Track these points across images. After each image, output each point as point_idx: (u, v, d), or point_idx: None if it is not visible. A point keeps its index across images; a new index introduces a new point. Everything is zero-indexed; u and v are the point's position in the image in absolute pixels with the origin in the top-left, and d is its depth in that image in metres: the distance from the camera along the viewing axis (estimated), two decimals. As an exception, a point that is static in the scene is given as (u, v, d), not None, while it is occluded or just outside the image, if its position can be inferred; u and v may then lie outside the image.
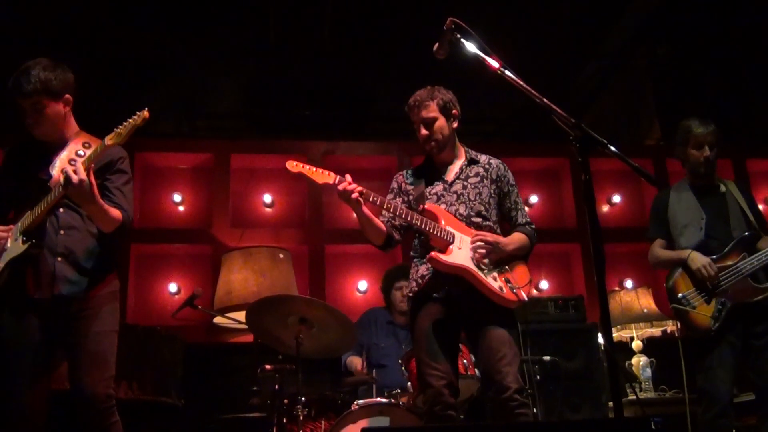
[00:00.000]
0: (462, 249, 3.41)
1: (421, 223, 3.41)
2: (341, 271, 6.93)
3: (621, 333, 5.91)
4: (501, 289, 3.39)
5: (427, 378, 3.37)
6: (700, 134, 4.24)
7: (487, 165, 3.68)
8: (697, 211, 4.22)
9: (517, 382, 3.30)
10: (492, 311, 3.41)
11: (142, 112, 3.12)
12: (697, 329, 4.01)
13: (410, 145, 7.26)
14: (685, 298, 4.06)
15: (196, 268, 6.70)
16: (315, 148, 6.99)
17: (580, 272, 6.93)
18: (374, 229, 3.54)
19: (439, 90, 3.63)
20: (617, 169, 7.21)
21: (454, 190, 3.59)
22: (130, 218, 3.40)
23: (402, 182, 3.72)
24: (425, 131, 3.60)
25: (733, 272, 4.03)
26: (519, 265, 3.57)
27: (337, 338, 4.21)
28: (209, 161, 6.94)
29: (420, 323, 3.48)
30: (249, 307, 4.15)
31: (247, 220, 6.95)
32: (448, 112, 3.61)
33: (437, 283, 3.49)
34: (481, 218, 3.54)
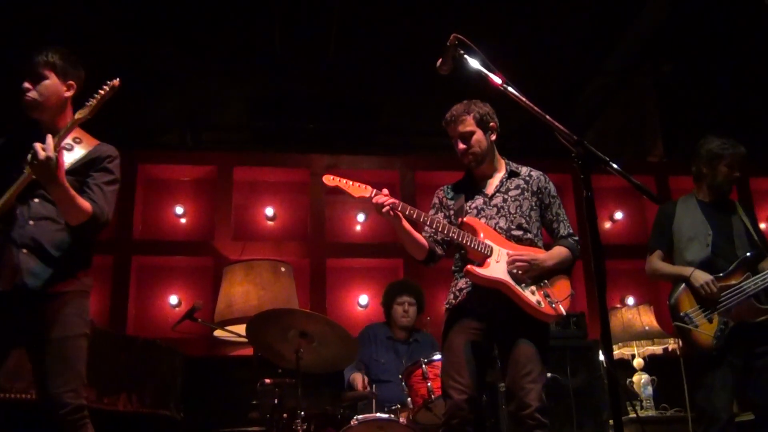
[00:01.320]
0: (500, 262, 3.38)
1: (459, 236, 3.39)
2: (342, 285, 6.93)
3: (622, 350, 5.90)
4: (539, 303, 3.36)
5: (448, 390, 3.35)
6: (737, 154, 4.23)
7: (527, 177, 3.66)
8: (703, 227, 4.20)
9: (540, 401, 3.25)
10: (525, 326, 3.37)
11: (112, 81, 3.04)
12: (699, 348, 4.00)
13: (413, 159, 7.28)
14: (687, 317, 4.04)
15: (197, 281, 6.71)
16: (318, 161, 7.00)
17: (582, 289, 6.92)
18: (415, 244, 3.52)
19: (475, 103, 3.62)
20: (620, 185, 7.22)
21: (494, 204, 3.57)
22: (105, 216, 3.18)
23: (442, 197, 3.70)
24: (463, 145, 3.58)
25: (737, 292, 4.02)
26: (560, 279, 3.51)
27: (338, 353, 4.20)
28: (212, 173, 6.96)
29: (451, 336, 3.45)
30: (249, 321, 4.14)
31: (249, 233, 6.96)
32: (486, 125, 3.60)
33: (474, 297, 3.46)
34: (521, 231, 3.51)
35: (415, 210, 3.36)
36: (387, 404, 4.48)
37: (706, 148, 4.27)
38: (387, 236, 7.10)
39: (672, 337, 5.70)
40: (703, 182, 4.32)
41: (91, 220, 3.12)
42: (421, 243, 3.53)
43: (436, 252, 3.58)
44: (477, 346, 3.39)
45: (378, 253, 6.96)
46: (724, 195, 4.31)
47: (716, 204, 4.29)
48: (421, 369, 4.21)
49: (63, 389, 2.97)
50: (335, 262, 6.88)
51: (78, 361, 3.06)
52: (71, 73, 3.28)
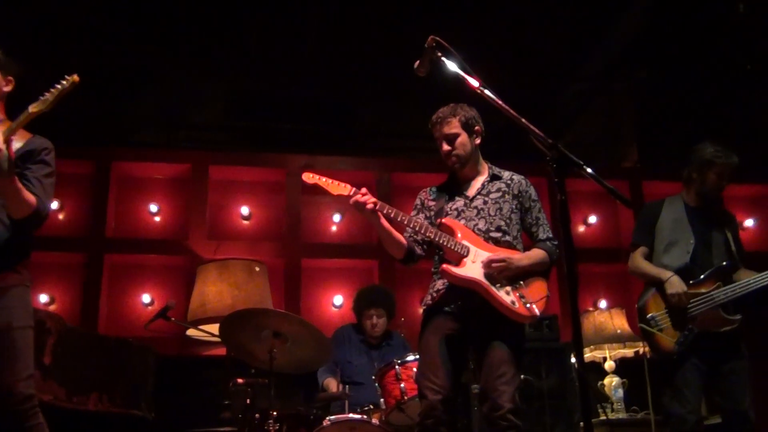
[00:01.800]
0: (476, 263, 3.42)
1: (436, 236, 3.43)
2: (317, 286, 6.92)
3: (594, 353, 5.94)
4: (513, 303, 3.39)
5: (423, 390, 3.37)
6: (730, 164, 4.25)
7: (509, 180, 3.70)
8: (686, 233, 4.23)
9: (513, 402, 3.28)
10: (500, 328, 3.40)
11: (71, 76, 3.00)
12: (661, 351, 4.05)
13: (389, 161, 7.29)
14: (654, 320, 4.08)
15: (171, 280, 6.67)
16: (294, 161, 6.99)
17: (555, 292, 6.96)
18: (393, 243, 3.55)
19: (462, 107, 3.66)
20: (594, 190, 7.28)
21: (474, 206, 3.61)
22: (46, 210, 3.16)
23: (425, 198, 3.75)
24: (447, 147, 3.63)
25: (706, 300, 4.04)
26: (536, 281, 3.54)
27: (312, 353, 4.19)
28: (187, 172, 6.92)
29: (427, 336, 3.48)
30: (223, 320, 4.13)
31: (224, 232, 6.92)
32: (471, 129, 3.65)
33: (451, 297, 3.49)
34: (500, 233, 3.55)
35: (394, 209, 3.39)
36: (360, 405, 4.48)
37: (699, 154, 4.28)
38: (362, 237, 7.10)
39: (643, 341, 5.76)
40: (691, 186, 4.34)
41: (34, 214, 3.09)
42: (400, 242, 3.55)
43: (416, 252, 3.61)
44: (453, 346, 3.42)
45: (353, 253, 6.96)
46: (711, 202, 4.34)
47: (701, 210, 4.32)
48: (395, 370, 4.22)
49: (14, 379, 2.98)
50: (310, 263, 6.87)
51: (27, 351, 3.07)
52: (11, 68, 3.27)
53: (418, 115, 3.73)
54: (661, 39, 7.49)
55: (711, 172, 4.25)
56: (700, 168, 4.28)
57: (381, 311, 5.18)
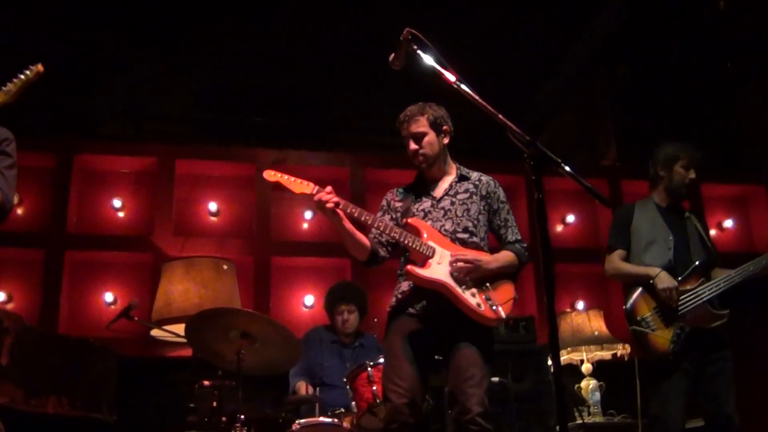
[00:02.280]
0: (441, 264, 3.44)
1: (401, 236, 3.44)
2: (287, 285, 6.90)
3: (571, 355, 5.99)
4: (479, 305, 3.41)
5: (388, 393, 3.38)
6: (693, 156, 4.34)
7: (477, 181, 3.73)
8: (663, 231, 4.30)
9: (482, 405, 3.29)
10: (467, 329, 3.41)
11: (35, 66, 2.96)
12: (656, 352, 4.08)
13: (364, 157, 7.28)
14: (644, 321, 4.12)
15: (134, 278, 6.61)
16: (264, 156, 6.96)
17: (532, 292, 7.01)
18: (356, 244, 3.55)
19: (430, 106, 3.69)
20: (572, 188, 7.33)
21: (441, 206, 3.63)
22: (10, 203, 3.12)
23: (391, 199, 3.76)
24: (414, 146, 3.65)
25: (693, 297, 4.12)
26: (504, 283, 3.57)
27: (281, 355, 4.19)
28: (153, 166, 6.86)
29: (392, 338, 3.50)
30: (189, 320, 4.11)
31: (191, 228, 6.88)
32: (439, 128, 3.67)
33: (415, 298, 3.51)
34: (467, 234, 3.57)
35: (358, 209, 3.40)
36: (331, 408, 4.48)
37: (663, 151, 4.39)
38: (334, 235, 7.04)
39: (621, 343, 5.81)
40: (660, 185, 4.42)
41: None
42: (363, 243, 3.56)
43: (379, 253, 3.62)
44: (418, 348, 3.43)
45: (325, 252, 6.95)
46: (680, 199, 4.42)
47: (672, 209, 4.40)
48: (366, 372, 4.22)
49: None
50: (280, 261, 6.85)
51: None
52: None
53: (393, 109, 3.73)
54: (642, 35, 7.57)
55: (677, 165, 4.35)
56: (666, 164, 4.38)
57: (352, 306, 5.19)
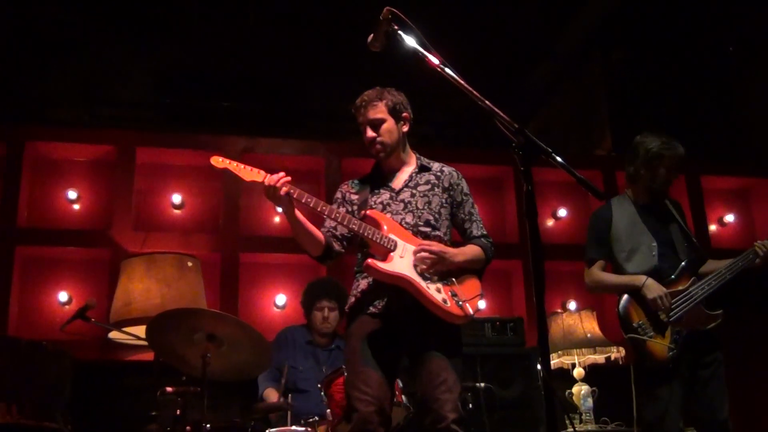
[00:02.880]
0: (404, 258, 3.43)
1: (360, 228, 3.43)
2: (257, 283, 6.89)
3: (562, 359, 6.02)
4: (445, 301, 3.41)
5: (354, 402, 3.37)
6: (677, 156, 4.34)
7: (438, 172, 3.74)
8: (645, 235, 4.33)
9: (456, 412, 3.32)
10: (434, 330, 3.42)
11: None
12: (655, 359, 4.11)
13: (340, 145, 7.28)
14: (641, 327, 4.15)
15: (91, 276, 6.57)
16: (233, 144, 6.94)
17: (521, 292, 7.04)
18: (309, 237, 3.54)
19: (389, 91, 3.69)
20: (564, 180, 7.36)
21: (401, 199, 3.64)
22: None
23: (347, 191, 3.76)
24: (371, 133, 3.65)
25: (686, 298, 4.16)
26: (469, 278, 3.59)
27: (250, 358, 4.18)
28: (111, 154, 6.82)
29: (353, 342, 3.49)
30: (150, 321, 4.09)
31: (152, 222, 6.85)
32: (398, 115, 3.68)
33: (375, 296, 3.51)
34: (429, 228, 3.58)
35: (313, 198, 3.40)
36: (304, 416, 4.48)
37: (646, 148, 4.37)
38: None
39: (615, 346, 5.86)
40: (639, 183, 4.45)
41: None
42: (317, 237, 3.56)
43: (334, 248, 3.63)
44: (382, 351, 3.43)
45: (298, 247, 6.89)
46: (660, 197, 4.46)
47: (652, 207, 4.43)
48: (343, 377, 4.23)
49: None
50: (249, 257, 6.84)
51: None
52: None
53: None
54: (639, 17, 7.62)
55: (660, 166, 4.35)
56: (648, 163, 4.37)
57: (333, 303, 5.20)
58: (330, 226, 3.64)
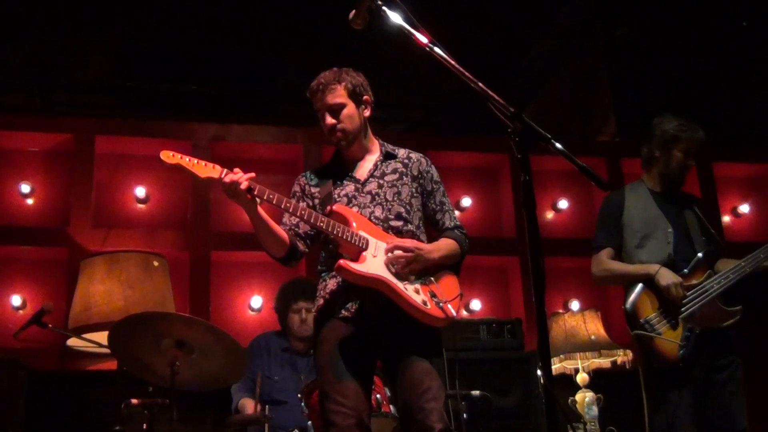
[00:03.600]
0: (377, 257, 3.43)
1: (328, 226, 3.41)
2: (230, 284, 6.88)
3: (564, 364, 6.04)
4: (425, 303, 3.42)
5: (330, 415, 3.37)
6: (695, 140, 4.38)
7: (406, 159, 3.74)
8: (661, 222, 4.35)
9: (443, 422, 3.33)
10: (414, 335, 3.43)
11: None
12: (664, 359, 4.13)
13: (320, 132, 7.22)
14: (648, 323, 4.16)
15: (47, 277, 6.55)
16: (202, 131, 6.93)
17: (519, 291, 7.06)
18: (273, 237, 3.52)
19: (347, 72, 3.67)
20: (565, 169, 7.39)
21: (368, 190, 3.63)
22: None
23: (305, 184, 3.74)
24: (331, 120, 3.63)
25: (700, 292, 4.18)
26: (447, 276, 3.61)
27: (223, 367, 4.18)
28: (68, 144, 6.80)
29: (324, 349, 3.48)
30: (113, 327, 4.08)
31: (114, 218, 6.84)
32: (359, 98, 3.66)
33: (346, 298, 3.50)
34: (401, 221, 3.58)
35: (276, 194, 3.37)
36: (283, 429, 4.48)
37: (662, 129, 4.41)
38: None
39: (622, 349, 5.88)
40: (653, 168, 4.48)
41: None
42: (281, 237, 3.53)
43: (298, 248, 3.61)
44: (357, 359, 3.43)
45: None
46: (676, 185, 4.48)
47: (668, 195, 4.46)
48: (324, 386, 4.23)
49: None
50: (222, 256, 6.83)
51: None
52: None
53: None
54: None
55: (676, 149, 4.39)
56: (663, 145, 4.41)
57: (311, 304, 5.20)
58: (291, 224, 3.62)
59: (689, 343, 4.09)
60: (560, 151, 2.38)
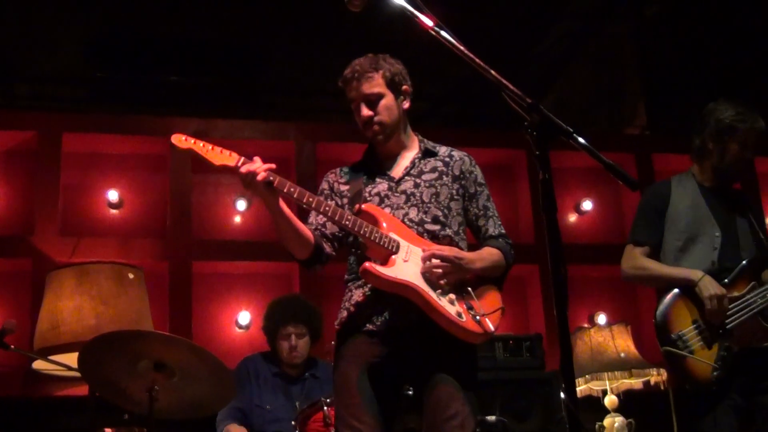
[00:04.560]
0: (409, 262, 3.39)
1: (355, 225, 3.39)
2: (215, 298, 6.89)
3: (590, 385, 6.04)
4: (460, 315, 3.38)
5: None
6: (756, 130, 4.34)
7: (447, 158, 3.72)
8: (708, 223, 4.31)
9: None
10: (445, 351, 3.41)
11: None
12: (695, 381, 4.09)
13: (314, 127, 7.28)
14: (681, 339, 4.12)
15: (9, 292, 6.57)
16: (182, 126, 6.89)
17: (539, 303, 7.06)
18: (295, 236, 3.50)
19: (385, 59, 3.66)
20: (589, 166, 7.38)
21: (402, 190, 3.61)
22: None
23: (334, 182, 3.74)
24: (367, 111, 3.62)
25: (742, 307, 4.13)
26: (487, 289, 3.58)
27: (208, 391, 4.18)
28: (31, 142, 6.81)
29: (344, 367, 3.47)
30: (83, 348, 4.08)
31: (84, 225, 6.85)
32: (398, 88, 3.65)
33: (374, 310, 3.48)
34: (438, 225, 3.56)
35: (298, 188, 3.36)
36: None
37: (717, 118, 4.35)
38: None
39: (655, 368, 5.87)
40: (706, 161, 4.43)
41: None
42: (305, 236, 3.51)
43: (324, 250, 3.59)
44: (380, 380, 3.42)
45: (264, 254, 6.94)
46: (730, 180, 4.45)
47: (719, 191, 4.42)
48: (323, 412, 4.23)
49: None
50: (205, 267, 6.84)
51: None
52: None
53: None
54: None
55: (732, 141, 4.35)
56: (717, 136, 4.36)
57: (302, 328, 5.19)
58: (318, 223, 3.62)
59: (725, 365, 4.04)
60: (583, 146, 2.39)
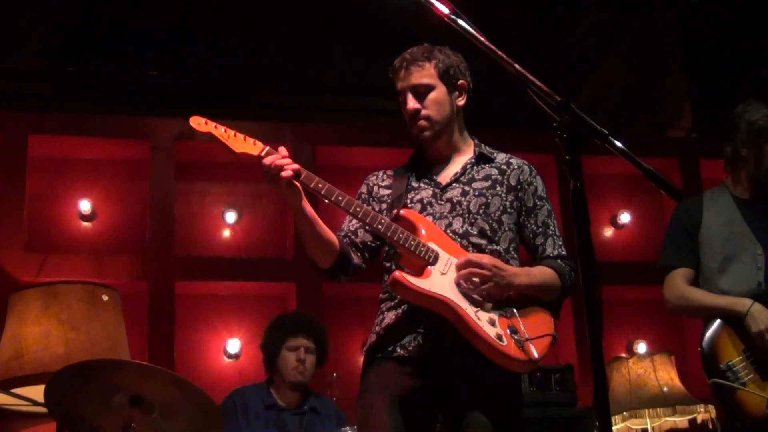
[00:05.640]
0: (447, 275, 3.37)
1: (388, 230, 3.38)
2: (200, 323, 6.90)
3: (629, 423, 6.04)
4: (500, 338, 3.32)
5: None
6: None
7: (504, 165, 3.70)
8: (747, 241, 4.31)
9: None
10: (482, 379, 3.38)
11: None
12: (747, 416, 4.09)
13: (313, 128, 7.28)
14: (731, 370, 4.13)
15: (-32, 316, 6.58)
16: (164, 128, 6.95)
17: (570, 329, 7.05)
18: (319, 241, 3.48)
19: (440, 50, 3.65)
20: (627, 173, 7.39)
21: (448, 197, 3.59)
22: None
23: (375, 185, 3.74)
24: (414, 104, 3.60)
25: None
26: (538, 312, 3.52)
27: (191, 428, 4.18)
28: (-7, 145, 6.84)
29: (369, 397, 3.45)
30: (50, 379, 4.09)
31: (52, 240, 6.86)
32: (452, 81, 3.65)
33: (406, 331, 3.46)
34: (485, 240, 3.53)
35: (326, 184, 3.35)
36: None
37: (747, 120, 4.36)
38: (271, 246, 7.08)
39: (703, 404, 5.86)
40: (740, 169, 4.43)
41: None
42: (330, 240, 3.50)
43: (351, 259, 3.57)
44: (411, 411, 3.39)
45: (257, 273, 6.95)
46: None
47: (759, 204, 4.42)
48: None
49: None
50: (189, 287, 6.84)
51: None
52: None
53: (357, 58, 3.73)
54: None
55: None
56: (751, 141, 4.35)
57: (311, 343, 5.20)
58: (349, 230, 3.63)
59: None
60: (621, 150, 2.38)
